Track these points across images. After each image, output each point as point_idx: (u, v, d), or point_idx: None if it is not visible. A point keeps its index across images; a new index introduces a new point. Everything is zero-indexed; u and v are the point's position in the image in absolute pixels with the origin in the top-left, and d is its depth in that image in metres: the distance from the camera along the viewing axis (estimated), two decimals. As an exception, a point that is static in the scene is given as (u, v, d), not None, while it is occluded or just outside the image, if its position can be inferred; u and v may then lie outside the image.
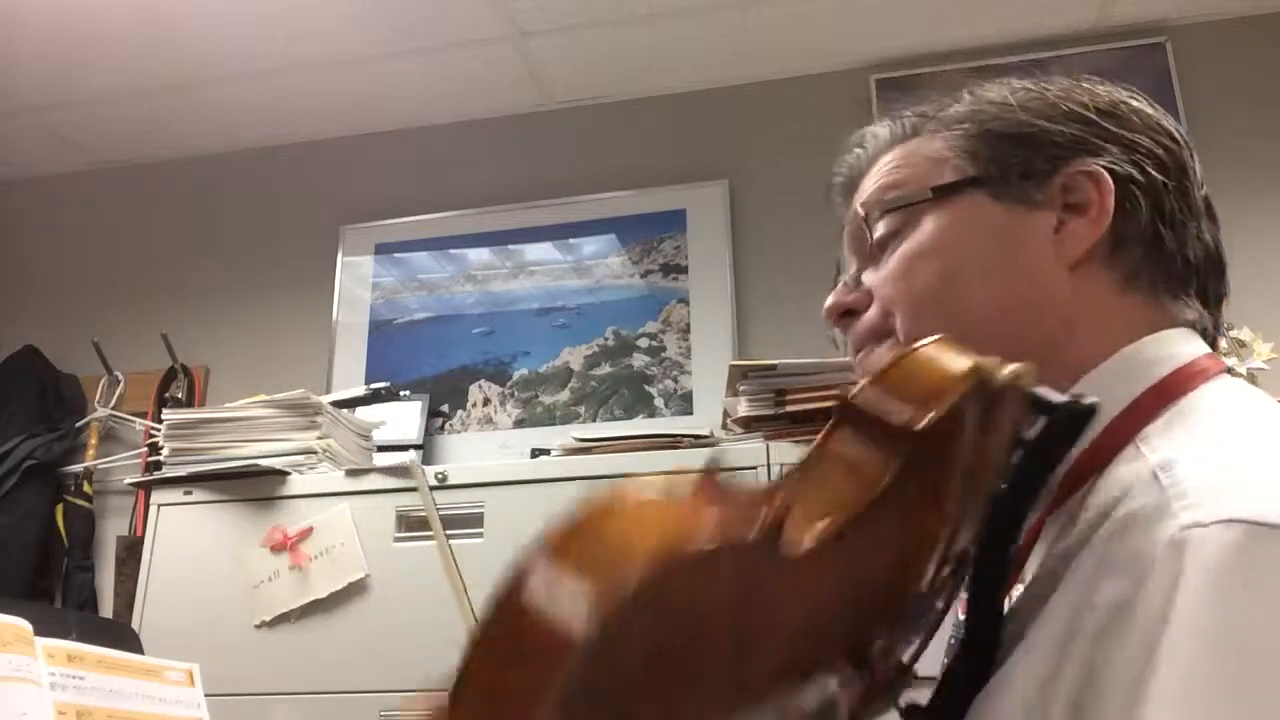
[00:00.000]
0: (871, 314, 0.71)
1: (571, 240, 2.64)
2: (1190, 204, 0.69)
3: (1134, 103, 0.72)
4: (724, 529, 0.35)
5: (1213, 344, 0.67)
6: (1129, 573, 0.45)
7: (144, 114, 2.76)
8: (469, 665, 0.33)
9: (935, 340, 0.49)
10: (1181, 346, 0.63)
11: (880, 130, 0.77)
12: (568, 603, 0.32)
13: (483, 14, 2.40)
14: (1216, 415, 0.57)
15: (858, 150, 0.79)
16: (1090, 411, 0.51)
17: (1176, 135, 0.70)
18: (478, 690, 0.33)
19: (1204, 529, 0.43)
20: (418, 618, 1.77)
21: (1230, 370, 0.64)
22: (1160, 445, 0.54)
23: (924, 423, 0.44)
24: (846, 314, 0.73)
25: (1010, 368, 0.47)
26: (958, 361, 0.47)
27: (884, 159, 0.75)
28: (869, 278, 0.72)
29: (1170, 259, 0.67)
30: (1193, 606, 0.42)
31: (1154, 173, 0.67)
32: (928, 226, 0.69)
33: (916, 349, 0.49)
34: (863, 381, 0.47)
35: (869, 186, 0.74)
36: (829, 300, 0.74)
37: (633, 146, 2.66)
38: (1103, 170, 0.66)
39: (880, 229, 0.71)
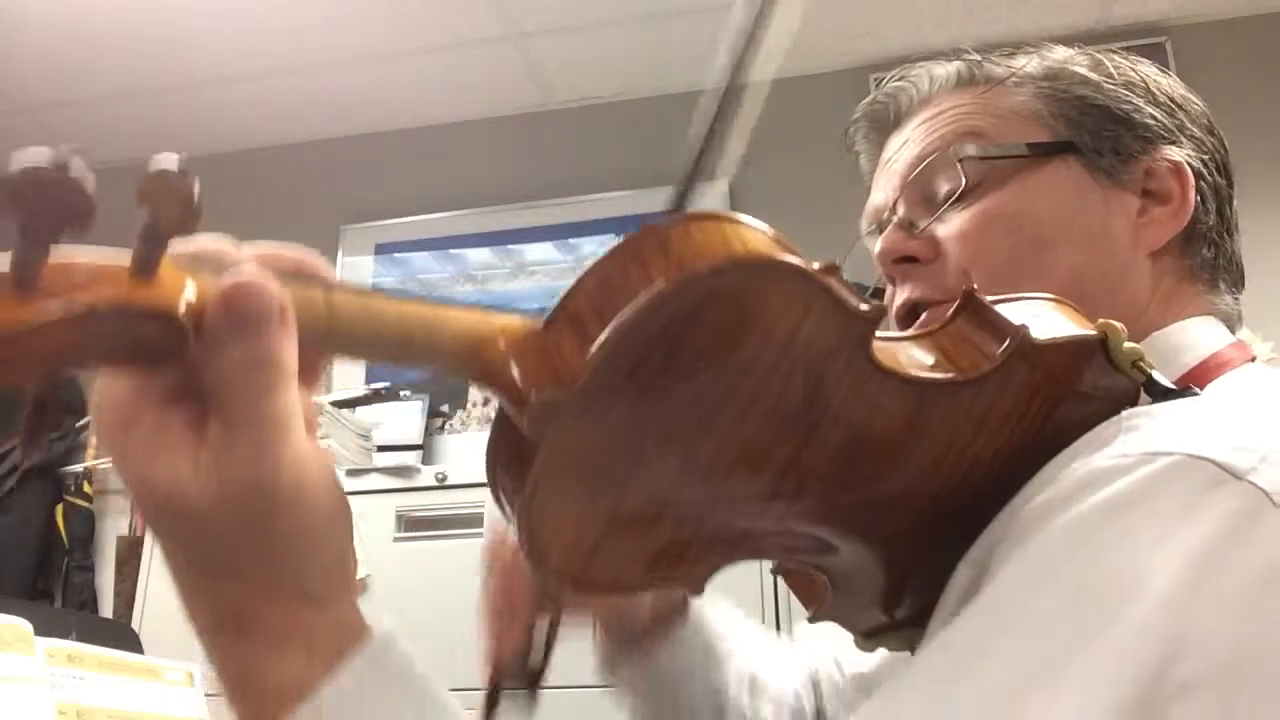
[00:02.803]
0: (943, 270, 0.66)
1: (571, 240, 2.64)
2: (1233, 208, 0.70)
3: (1194, 97, 0.71)
4: (834, 280, 0.40)
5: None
6: (1054, 489, 0.43)
7: (144, 114, 2.76)
8: (584, 277, 0.38)
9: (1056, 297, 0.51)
10: (1206, 335, 0.64)
11: (938, 70, 0.72)
12: (667, 262, 0.37)
13: (483, 14, 2.40)
14: (1224, 395, 0.56)
15: (904, 84, 0.74)
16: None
17: (1223, 137, 0.71)
18: (581, 296, 0.38)
19: (1129, 458, 0.41)
20: (418, 617, 1.77)
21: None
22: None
23: (1044, 339, 0.46)
24: (904, 260, 0.68)
25: (1132, 344, 0.48)
26: (1083, 319, 0.49)
27: (947, 101, 0.70)
28: (941, 230, 0.67)
29: (1229, 259, 0.69)
30: (1084, 515, 0.40)
31: (1217, 174, 0.69)
32: (1017, 186, 0.66)
33: (1044, 294, 0.51)
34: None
35: (935, 128, 0.70)
36: (883, 244, 0.68)
37: (633, 146, 2.65)
38: (1185, 163, 0.67)
39: (954, 177, 0.67)
